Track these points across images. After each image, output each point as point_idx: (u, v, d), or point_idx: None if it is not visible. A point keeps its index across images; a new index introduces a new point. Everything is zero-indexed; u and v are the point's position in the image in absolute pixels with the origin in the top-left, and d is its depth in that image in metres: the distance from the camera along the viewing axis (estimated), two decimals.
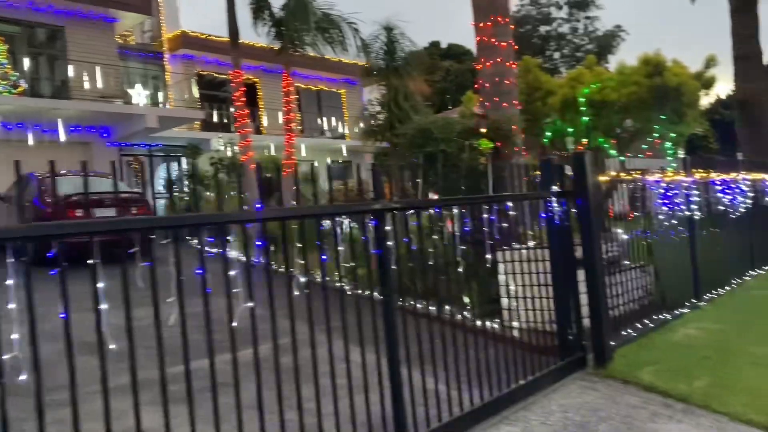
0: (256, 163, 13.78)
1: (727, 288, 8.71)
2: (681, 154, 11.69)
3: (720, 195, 8.98)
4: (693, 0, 25.27)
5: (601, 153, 10.12)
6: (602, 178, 6.23)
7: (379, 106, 9.24)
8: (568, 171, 6.27)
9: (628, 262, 7.52)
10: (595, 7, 58.91)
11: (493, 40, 8.44)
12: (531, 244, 6.25)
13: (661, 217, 7.36)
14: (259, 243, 3.57)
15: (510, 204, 5.71)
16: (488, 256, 5.38)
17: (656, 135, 12.09)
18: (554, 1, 59.15)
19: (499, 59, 8.50)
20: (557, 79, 13.79)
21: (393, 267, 4.11)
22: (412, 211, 4.61)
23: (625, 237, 7.90)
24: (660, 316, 7.08)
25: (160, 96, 22.50)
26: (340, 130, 29.11)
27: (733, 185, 9.41)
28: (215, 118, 24.23)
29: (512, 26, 8.75)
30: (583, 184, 5.78)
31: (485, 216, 6.14)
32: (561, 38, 58.90)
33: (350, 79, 28.64)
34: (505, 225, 6.63)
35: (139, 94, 21.56)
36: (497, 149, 8.18)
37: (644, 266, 7.64)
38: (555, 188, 5.78)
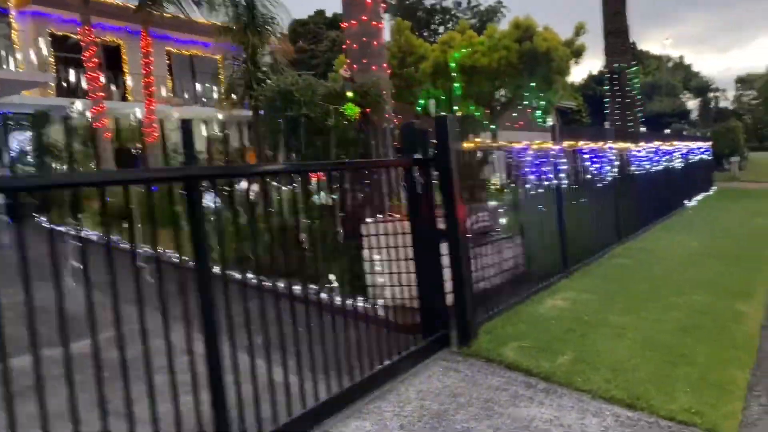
0: (112, 131, 12.50)
1: (594, 257, 8.73)
2: (550, 122, 11.66)
3: (588, 164, 8.95)
4: None
5: (471, 121, 9.84)
6: (467, 145, 5.82)
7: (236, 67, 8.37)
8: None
9: (499, 233, 7.27)
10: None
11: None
12: (395, 216, 5.76)
13: (528, 186, 7.12)
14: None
15: (368, 172, 5.18)
16: (340, 230, 4.81)
17: (526, 103, 11.97)
18: None
19: (364, 18, 7.90)
20: (430, 44, 13.39)
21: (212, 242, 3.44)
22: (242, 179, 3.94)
23: (497, 207, 7.64)
24: (529, 288, 6.88)
25: (6, 57, 20.10)
26: (216, 97, 27.55)
27: (600, 154, 9.44)
28: (75, 83, 22.05)
29: None
30: (445, 150, 5.33)
31: (344, 186, 5.57)
32: (446, 12, 59.34)
33: (228, 44, 27.07)
34: (366, 195, 6.11)
35: None
36: (365, 115, 7.62)
37: (514, 237, 7.42)
38: (416, 155, 5.30)
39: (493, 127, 7.30)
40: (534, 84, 11.17)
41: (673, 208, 14.22)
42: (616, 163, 10.25)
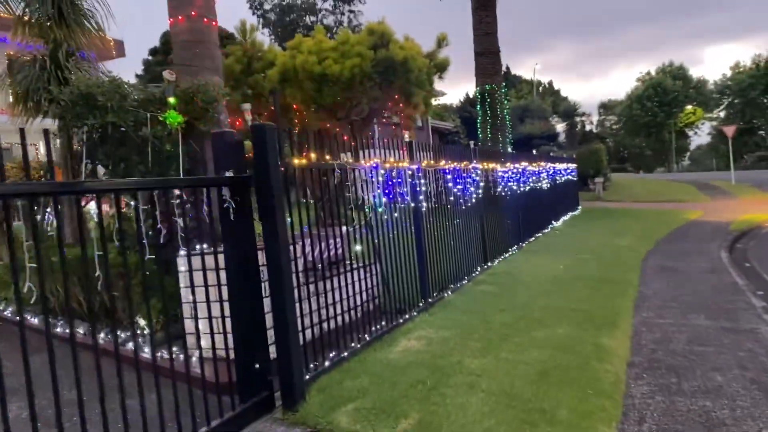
0: None
1: (458, 284, 8.06)
2: (406, 137, 10.97)
3: (450, 185, 8.30)
4: None
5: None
6: (300, 161, 4.86)
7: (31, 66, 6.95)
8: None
9: (352, 263, 6.36)
10: (360, 2, 59.80)
11: None
12: (206, 246, 4.68)
13: (382, 209, 6.28)
14: None
15: (177, 193, 4.08)
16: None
17: (386, 115, 11.24)
18: None
19: (193, 13, 6.79)
20: (278, 49, 12.31)
21: None
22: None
23: (350, 233, 6.73)
24: (383, 327, 6.01)
25: None
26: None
27: (464, 174, 8.83)
28: None
29: None
30: (265, 167, 4.34)
31: (141, 208, 4.43)
32: (327, 30, 58.90)
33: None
34: (177, 220, 4.99)
35: None
36: (191, 125, 6.48)
37: (368, 266, 6.55)
38: (229, 173, 4.28)
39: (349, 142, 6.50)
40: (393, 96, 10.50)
41: (541, 228, 14.06)
42: (482, 183, 9.72)
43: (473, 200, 9.25)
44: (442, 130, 43.58)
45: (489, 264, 9.63)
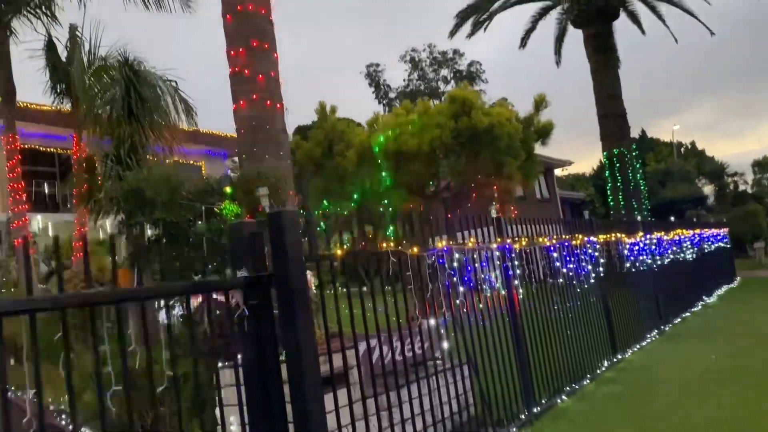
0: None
1: (575, 386, 6.65)
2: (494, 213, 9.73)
3: (558, 263, 7.06)
4: (558, 64, 25.05)
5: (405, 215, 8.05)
6: (341, 252, 4.00)
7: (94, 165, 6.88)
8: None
9: (441, 361, 5.32)
10: (482, 80, 60.12)
11: (246, 71, 6.31)
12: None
13: (462, 299, 5.22)
14: None
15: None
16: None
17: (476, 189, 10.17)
18: (442, 76, 59.96)
19: (254, 96, 6.36)
20: (359, 127, 11.73)
21: None
22: None
23: (438, 327, 5.70)
24: None
25: None
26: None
27: (578, 249, 7.55)
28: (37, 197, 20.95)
29: (276, 54, 6.68)
30: (284, 263, 3.51)
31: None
32: (417, 66, 59.45)
33: (211, 150, 26.16)
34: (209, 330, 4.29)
35: None
36: (253, 215, 5.89)
37: (457, 367, 5.44)
38: (242, 272, 3.50)
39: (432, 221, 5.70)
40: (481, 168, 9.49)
41: (688, 306, 12.04)
42: (604, 259, 8.33)
43: (593, 279, 7.88)
44: (573, 201, 41.39)
45: (618, 356, 8.06)
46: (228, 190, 5.72)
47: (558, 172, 43.25)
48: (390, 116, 10.32)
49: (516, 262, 6.06)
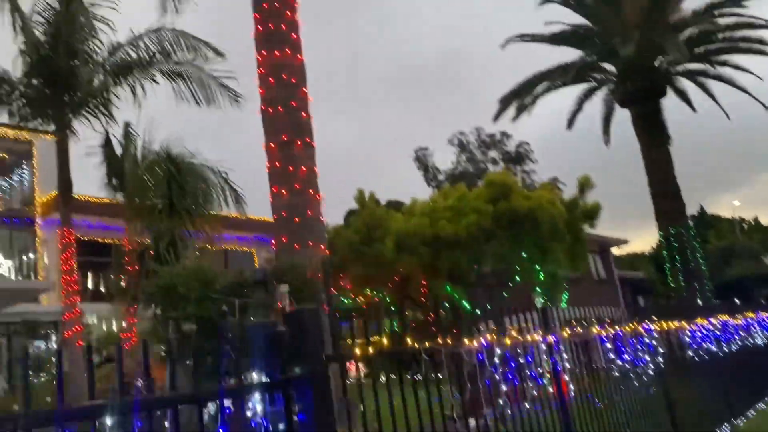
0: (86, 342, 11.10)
1: None
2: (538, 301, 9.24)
3: (612, 356, 6.60)
4: (607, 144, 24.81)
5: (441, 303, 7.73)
6: (364, 349, 3.80)
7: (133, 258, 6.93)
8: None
9: None
10: (531, 161, 60.13)
11: (279, 163, 6.37)
12: None
13: (504, 402, 4.86)
14: None
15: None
16: None
17: (517, 278, 9.69)
18: (490, 157, 60.29)
19: (291, 187, 6.38)
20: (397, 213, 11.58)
21: None
22: None
23: None
24: None
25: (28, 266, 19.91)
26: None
27: (631, 338, 7.08)
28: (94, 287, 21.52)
29: (314, 145, 6.74)
30: (306, 365, 3.32)
31: None
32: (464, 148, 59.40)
33: (263, 237, 26.62)
34: None
35: (0, 265, 18.96)
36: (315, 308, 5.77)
37: None
38: (263, 377, 3.32)
39: (476, 312, 5.39)
40: (525, 253, 9.05)
41: (762, 397, 11.09)
42: (661, 348, 7.79)
43: (652, 370, 7.34)
44: (632, 281, 39.94)
45: None
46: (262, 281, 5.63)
47: (615, 251, 42.09)
48: (426, 202, 10.23)
49: (565, 355, 5.68)
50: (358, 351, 3.77)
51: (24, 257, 20.17)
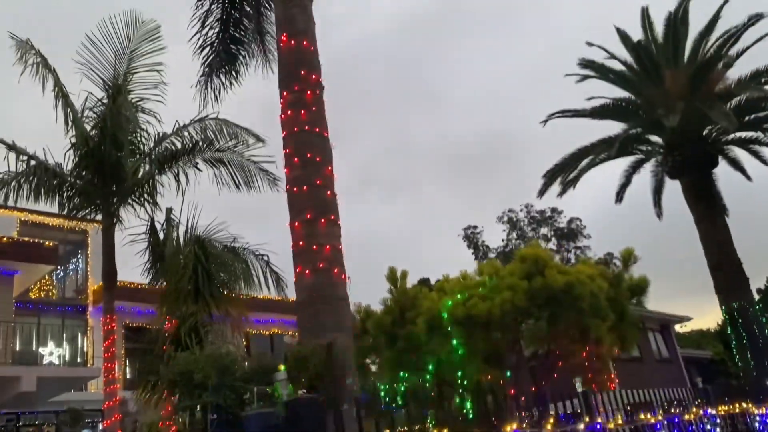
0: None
1: None
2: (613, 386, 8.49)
3: None
4: (660, 217, 24.05)
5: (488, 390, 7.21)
6: None
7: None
8: None
9: None
10: (584, 236, 58.69)
11: (303, 242, 6.21)
12: None
13: None
14: None
15: None
16: None
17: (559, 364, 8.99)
18: (542, 234, 59.19)
19: (321, 264, 6.19)
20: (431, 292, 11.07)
21: None
22: None
23: None
24: None
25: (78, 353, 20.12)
26: None
27: (690, 425, 6.42)
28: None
29: (339, 223, 6.58)
30: None
31: None
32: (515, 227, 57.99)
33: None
34: None
35: (51, 353, 19.20)
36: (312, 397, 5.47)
37: None
38: None
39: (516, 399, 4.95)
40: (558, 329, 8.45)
41: None
42: None
43: None
44: (698, 360, 37.58)
45: None
46: (282, 368, 5.35)
47: (678, 328, 39.99)
48: (458, 279, 9.81)
49: None
50: None
51: (74, 345, 20.42)
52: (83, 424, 17.71)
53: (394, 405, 5.66)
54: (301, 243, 6.45)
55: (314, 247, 6.31)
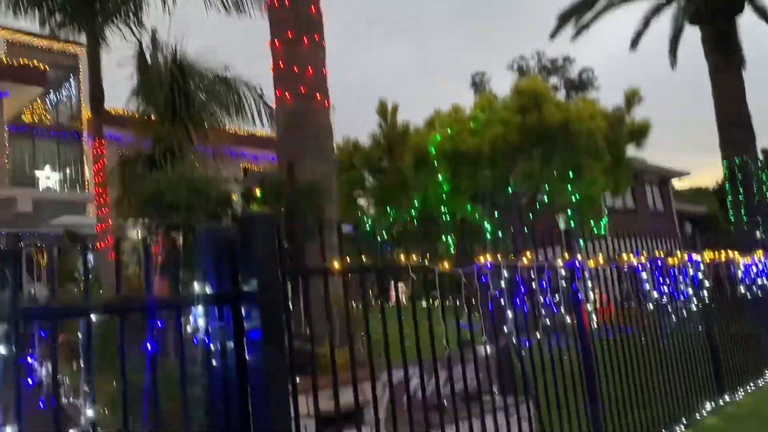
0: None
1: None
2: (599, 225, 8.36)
3: (648, 285, 5.96)
4: (673, 66, 23.03)
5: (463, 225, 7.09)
6: (338, 265, 3.33)
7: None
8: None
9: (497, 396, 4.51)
10: (594, 88, 57.05)
11: (282, 62, 5.76)
12: None
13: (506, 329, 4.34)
14: None
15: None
16: None
17: (546, 199, 8.75)
18: (552, 84, 57.49)
19: (302, 89, 5.79)
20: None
21: None
22: None
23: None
24: None
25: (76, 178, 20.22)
26: None
27: (672, 269, 6.39)
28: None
29: (324, 45, 6.08)
30: (257, 278, 2.85)
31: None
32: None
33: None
34: None
35: (48, 177, 19.25)
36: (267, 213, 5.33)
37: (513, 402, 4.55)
38: (207, 288, 2.88)
39: (497, 234, 4.80)
40: (555, 171, 8.10)
41: None
42: (708, 282, 7.07)
43: (695, 305, 6.66)
44: (693, 216, 38.18)
45: (726, 398, 6.76)
46: (258, 193, 5.17)
47: (677, 184, 40.17)
48: (449, 113, 9.32)
49: (589, 284, 5.08)
50: (335, 265, 3.29)
51: (70, 170, 20.45)
52: (83, 246, 18.16)
53: (380, 239, 5.49)
54: (281, 64, 6.00)
55: (295, 68, 5.87)
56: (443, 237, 7.98)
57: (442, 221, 8.29)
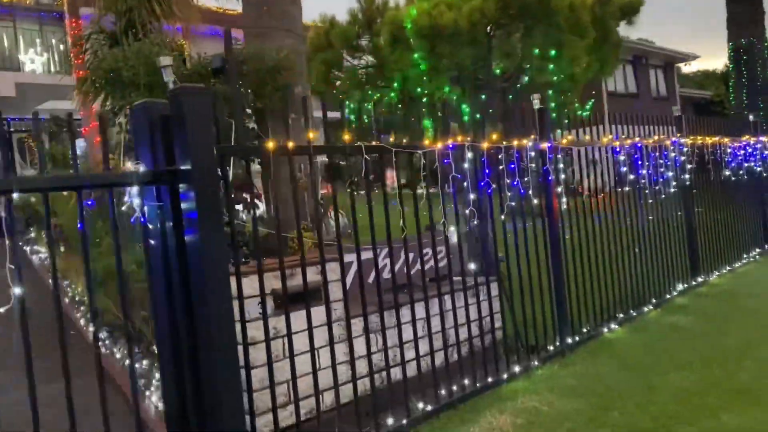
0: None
1: (634, 313, 5.63)
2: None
3: (625, 168, 5.87)
4: None
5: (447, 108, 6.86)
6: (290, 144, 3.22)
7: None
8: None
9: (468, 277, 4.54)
10: None
11: None
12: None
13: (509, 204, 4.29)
14: None
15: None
16: None
17: (526, 79, 8.36)
18: None
19: None
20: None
21: None
22: None
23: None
24: (460, 385, 4.05)
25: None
26: None
27: (653, 152, 6.28)
28: None
29: None
30: (189, 156, 2.75)
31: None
32: None
33: None
34: None
35: (32, 61, 18.71)
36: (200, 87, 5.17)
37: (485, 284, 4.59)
38: (139, 165, 2.79)
39: (474, 116, 4.59)
40: (536, 50, 7.66)
41: None
42: (690, 165, 6.97)
43: (674, 188, 6.60)
44: (697, 100, 37.41)
45: (699, 279, 6.86)
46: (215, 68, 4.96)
47: (684, 68, 39.06)
48: None
49: (561, 165, 4.98)
50: (270, 146, 3.18)
51: (53, 53, 19.82)
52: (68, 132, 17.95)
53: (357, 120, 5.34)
54: None
55: None
56: (422, 119, 7.73)
57: (422, 102, 8.02)
